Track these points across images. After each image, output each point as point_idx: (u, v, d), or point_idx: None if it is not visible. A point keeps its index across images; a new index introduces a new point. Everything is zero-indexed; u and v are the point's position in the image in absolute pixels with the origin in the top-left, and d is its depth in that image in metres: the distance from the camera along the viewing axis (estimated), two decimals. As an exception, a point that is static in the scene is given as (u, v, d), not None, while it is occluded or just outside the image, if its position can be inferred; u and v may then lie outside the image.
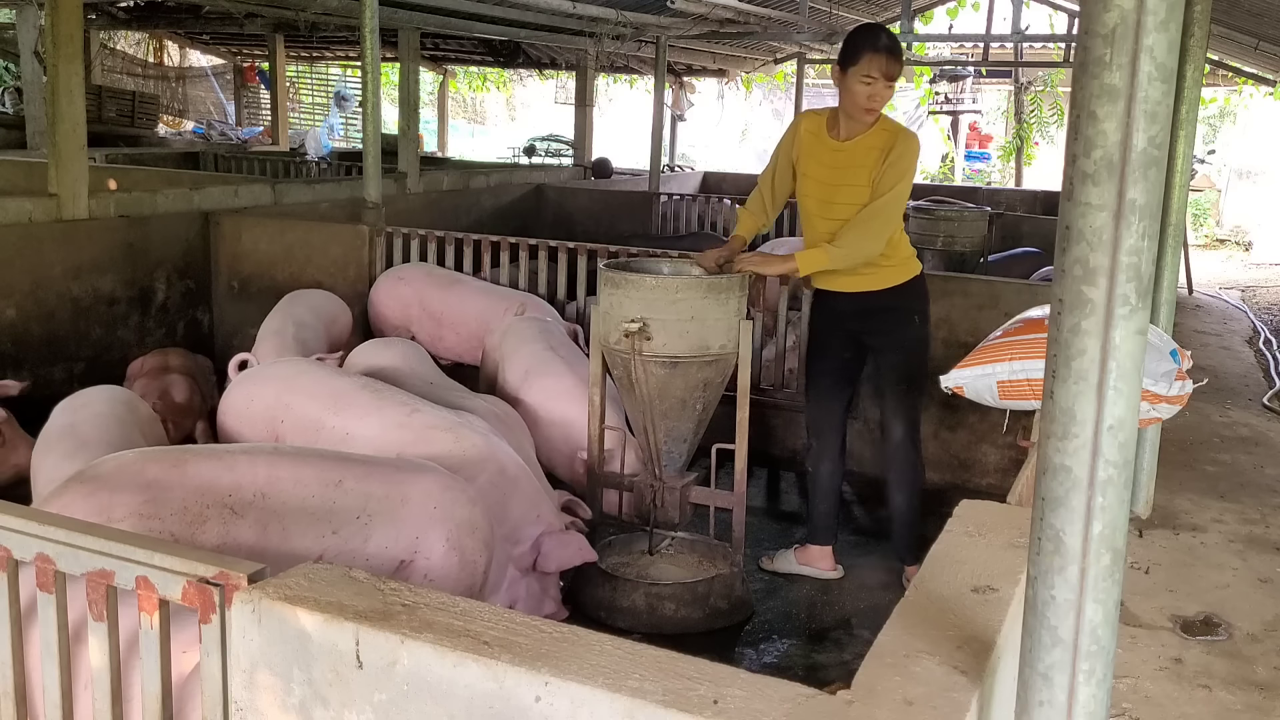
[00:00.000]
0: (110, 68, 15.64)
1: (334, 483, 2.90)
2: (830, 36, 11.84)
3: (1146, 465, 4.43)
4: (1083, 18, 1.09)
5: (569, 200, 10.58)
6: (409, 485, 2.96)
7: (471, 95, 23.99)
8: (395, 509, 2.90)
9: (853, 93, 3.63)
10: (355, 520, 2.86)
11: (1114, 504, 1.12)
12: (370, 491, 2.91)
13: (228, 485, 2.81)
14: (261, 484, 2.84)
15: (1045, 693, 1.17)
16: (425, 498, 2.94)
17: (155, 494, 2.74)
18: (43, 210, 5.66)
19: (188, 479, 2.80)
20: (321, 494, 2.87)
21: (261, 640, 1.46)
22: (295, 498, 2.84)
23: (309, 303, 5.35)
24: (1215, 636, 3.52)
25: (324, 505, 2.85)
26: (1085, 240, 1.09)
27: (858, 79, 3.60)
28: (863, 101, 3.62)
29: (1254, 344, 8.50)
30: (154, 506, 2.72)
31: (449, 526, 2.92)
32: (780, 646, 3.62)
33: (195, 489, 2.78)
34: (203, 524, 2.75)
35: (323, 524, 2.83)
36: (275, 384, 3.91)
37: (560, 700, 1.27)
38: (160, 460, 2.88)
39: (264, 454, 3.01)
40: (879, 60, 3.58)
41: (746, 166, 20.41)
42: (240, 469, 2.87)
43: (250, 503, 2.80)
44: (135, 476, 2.78)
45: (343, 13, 9.10)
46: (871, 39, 3.63)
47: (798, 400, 5.44)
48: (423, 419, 3.61)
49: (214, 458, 2.93)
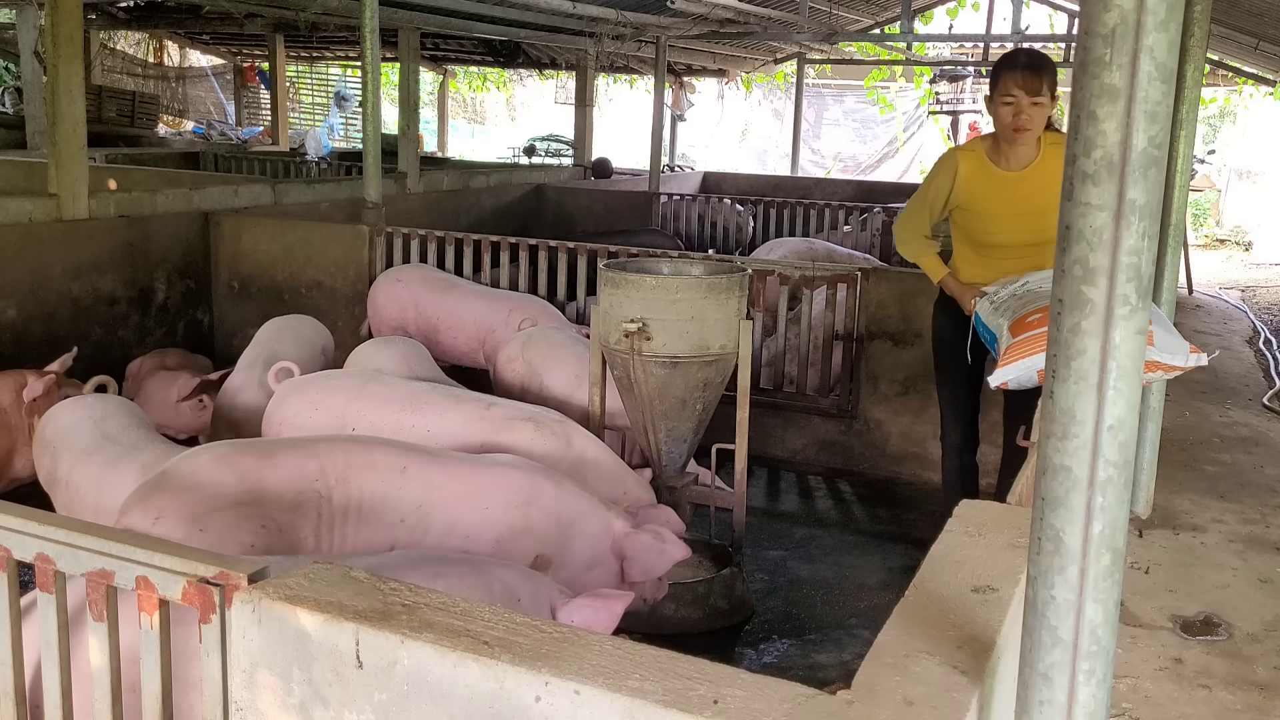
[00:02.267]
0: (110, 68, 15.63)
1: (399, 469, 2.98)
2: (830, 36, 11.84)
3: (1146, 465, 4.43)
4: (1083, 18, 1.09)
5: (569, 200, 10.58)
6: (465, 478, 3.01)
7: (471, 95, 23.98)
8: (450, 500, 2.96)
9: (999, 117, 3.64)
10: (417, 509, 2.93)
11: (1114, 504, 1.12)
12: (430, 479, 2.98)
13: (314, 471, 2.93)
14: (342, 469, 2.95)
15: (1045, 693, 1.17)
16: (478, 494, 2.99)
17: (252, 483, 2.86)
18: (43, 210, 5.66)
19: (279, 468, 2.91)
20: (388, 480, 2.96)
21: (261, 640, 1.46)
22: (369, 482, 2.95)
23: (294, 336, 4.94)
24: (1215, 636, 3.52)
25: (391, 491, 2.94)
26: (1085, 240, 1.09)
27: (1000, 102, 3.61)
28: (1008, 121, 3.60)
29: (1254, 344, 8.50)
30: (253, 494, 2.84)
31: (499, 529, 2.95)
32: (780, 646, 3.62)
33: (286, 476, 2.89)
34: (298, 509, 2.86)
35: (391, 511, 2.92)
36: (343, 393, 3.84)
37: (560, 700, 1.27)
38: (250, 452, 2.97)
39: (340, 440, 3.11)
40: (1015, 77, 3.56)
41: (746, 166, 20.43)
42: (322, 455, 2.97)
43: (334, 486, 2.92)
44: (231, 467, 2.89)
45: (343, 13, 9.10)
46: (1008, 59, 3.66)
47: (798, 400, 5.46)
48: (501, 411, 3.69)
49: (297, 446, 3.03)
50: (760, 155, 22.66)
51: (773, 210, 10.46)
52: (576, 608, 2.42)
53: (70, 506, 3.45)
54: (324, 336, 5.12)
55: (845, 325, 5.31)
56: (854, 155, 21.48)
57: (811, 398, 5.44)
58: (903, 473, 5.23)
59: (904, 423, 5.23)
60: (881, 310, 5.24)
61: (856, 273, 5.34)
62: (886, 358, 5.25)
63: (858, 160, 21.17)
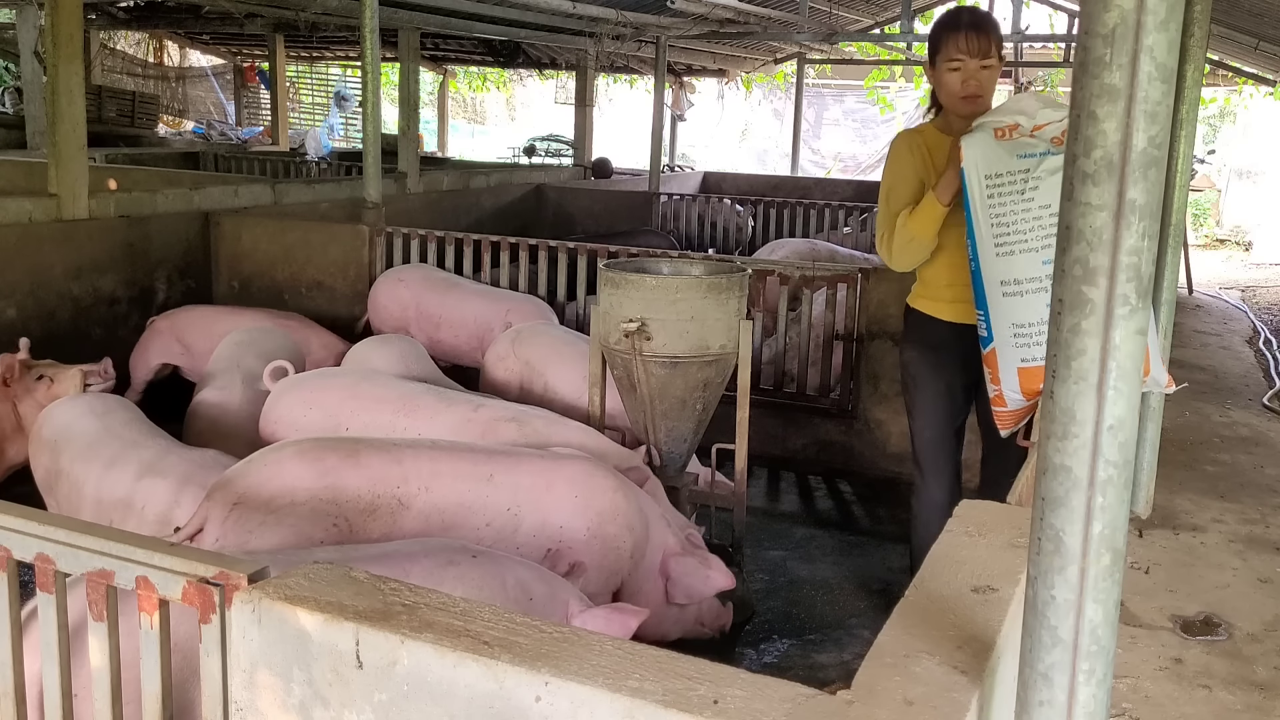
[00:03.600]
0: (110, 68, 15.64)
1: (486, 477, 2.98)
2: (830, 36, 11.84)
3: (1146, 465, 4.43)
4: (1083, 18, 1.09)
5: (569, 200, 10.58)
6: (552, 474, 3.02)
7: (471, 95, 24.00)
8: (539, 499, 2.97)
9: (945, 85, 3.23)
10: (506, 512, 2.95)
11: (1114, 504, 1.12)
12: (518, 483, 2.99)
13: (397, 477, 2.92)
14: (426, 477, 2.94)
15: (1045, 693, 1.17)
16: (568, 486, 3.00)
17: (333, 481, 2.87)
18: (43, 210, 5.66)
19: (361, 469, 2.91)
20: (475, 488, 2.96)
21: (261, 640, 1.46)
22: (455, 491, 2.95)
23: (259, 349, 4.71)
24: (1215, 636, 3.52)
25: (478, 499, 2.94)
26: (1085, 240, 1.09)
27: (945, 69, 3.20)
28: (956, 89, 3.19)
29: (1254, 344, 8.50)
30: (333, 492, 2.85)
31: (589, 516, 2.97)
32: (780, 646, 3.62)
33: (369, 479, 2.90)
34: (373, 513, 2.87)
35: (478, 517, 2.93)
36: (337, 392, 3.85)
37: (560, 700, 1.27)
38: (336, 450, 2.98)
39: (426, 447, 3.10)
40: (958, 40, 3.16)
41: (746, 166, 20.42)
42: (408, 462, 2.97)
43: (416, 494, 2.92)
44: (315, 463, 2.90)
45: (343, 13, 9.10)
46: (949, 20, 3.24)
47: (798, 400, 5.46)
48: (489, 412, 3.68)
49: (383, 450, 3.02)
50: (760, 155, 22.67)
51: (773, 210, 10.46)
52: (591, 617, 2.42)
53: (71, 500, 3.45)
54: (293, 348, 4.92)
55: (846, 325, 5.31)
56: (854, 155, 21.49)
57: (812, 398, 5.44)
58: (903, 473, 5.21)
59: (904, 423, 5.18)
60: (882, 310, 5.24)
61: (857, 273, 5.34)
62: (887, 358, 5.25)
63: (858, 160, 21.17)
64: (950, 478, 3.49)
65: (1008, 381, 2.92)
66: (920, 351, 3.45)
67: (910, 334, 3.50)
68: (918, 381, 3.48)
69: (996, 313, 2.91)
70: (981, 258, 2.90)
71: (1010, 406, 2.97)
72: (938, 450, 3.47)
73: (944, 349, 3.36)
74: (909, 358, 3.50)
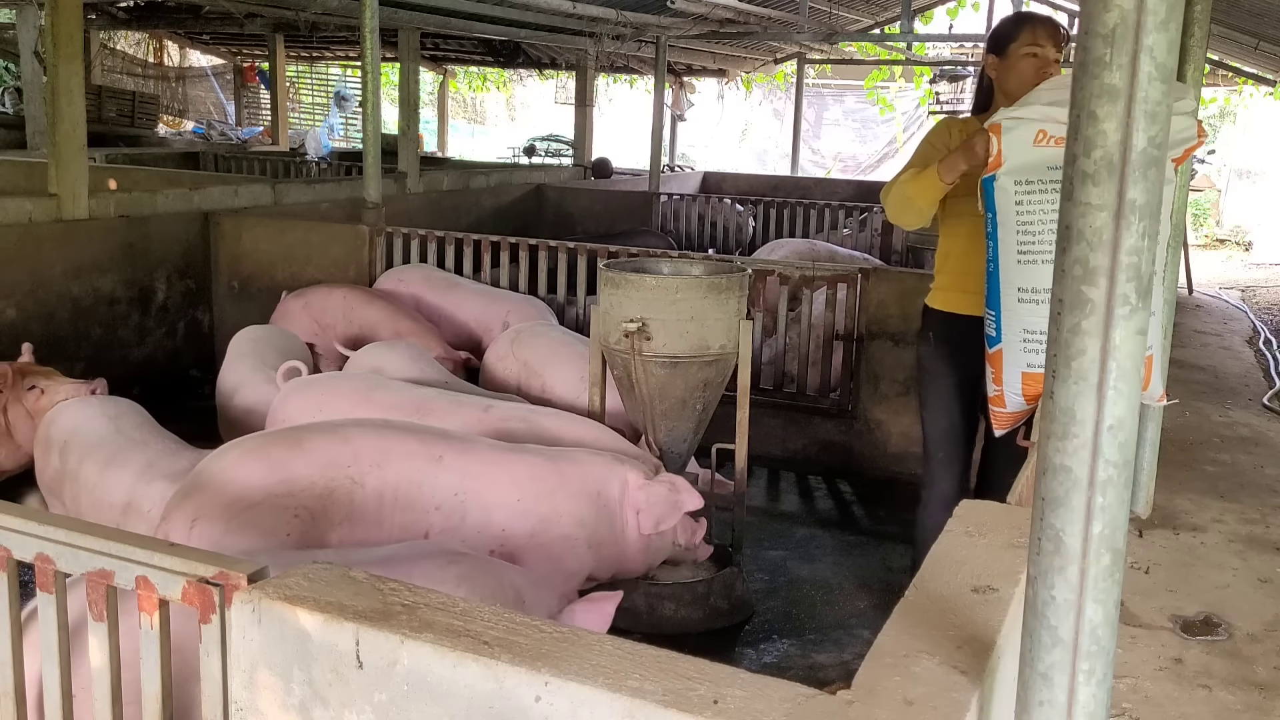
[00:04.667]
0: (110, 68, 15.63)
1: (435, 458, 2.95)
2: (830, 36, 11.84)
3: (1146, 465, 4.43)
4: (1083, 18, 1.09)
5: (569, 200, 10.58)
6: (498, 468, 2.99)
7: (471, 95, 23.99)
8: (484, 490, 2.94)
9: (1019, 71, 3.10)
10: (453, 497, 2.91)
11: (1114, 504, 1.12)
12: (465, 469, 2.95)
13: (346, 457, 2.89)
14: (376, 454, 2.92)
15: (1045, 693, 1.17)
16: (511, 484, 2.97)
17: (284, 474, 2.84)
18: (43, 210, 5.66)
19: (309, 455, 2.88)
20: (425, 468, 2.93)
21: (261, 640, 1.46)
22: (407, 469, 2.92)
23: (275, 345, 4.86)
24: (1215, 636, 3.52)
25: (428, 479, 2.92)
26: (1085, 240, 1.09)
27: (1022, 54, 3.10)
28: (1029, 75, 3.06)
29: (1254, 344, 8.50)
30: (287, 485, 2.82)
31: (531, 521, 2.95)
32: (780, 646, 3.62)
33: (319, 464, 2.87)
34: (330, 496, 2.84)
35: (428, 498, 2.89)
36: (348, 397, 3.78)
37: (560, 700, 1.27)
38: (280, 442, 2.96)
39: (374, 426, 3.07)
40: (1037, 29, 3.12)
41: (746, 166, 20.43)
42: (356, 440, 2.94)
43: (368, 472, 2.89)
44: (263, 460, 2.87)
45: (343, 13, 9.10)
46: (1024, 15, 3.28)
47: (798, 400, 5.46)
48: (498, 413, 3.66)
49: (328, 432, 2.99)
50: (760, 155, 22.68)
51: (773, 210, 10.46)
52: (569, 614, 2.44)
53: (79, 500, 3.44)
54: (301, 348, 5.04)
55: (845, 325, 5.31)
56: (854, 155, 21.50)
57: (812, 398, 5.44)
58: (903, 473, 5.22)
59: (904, 423, 5.23)
60: (882, 310, 5.24)
61: (857, 273, 5.34)
62: (887, 358, 5.25)
63: (858, 160, 21.18)
64: (960, 473, 3.45)
65: (1010, 384, 2.91)
66: (934, 345, 3.42)
67: (926, 330, 3.47)
68: (931, 374, 3.44)
69: (1008, 316, 2.87)
70: (1001, 259, 2.86)
71: (1010, 408, 2.96)
72: (949, 443, 3.43)
73: (960, 342, 3.31)
74: (923, 351, 3.47)
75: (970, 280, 3.21)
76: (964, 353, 3.28)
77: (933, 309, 3.43)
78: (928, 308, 3.45)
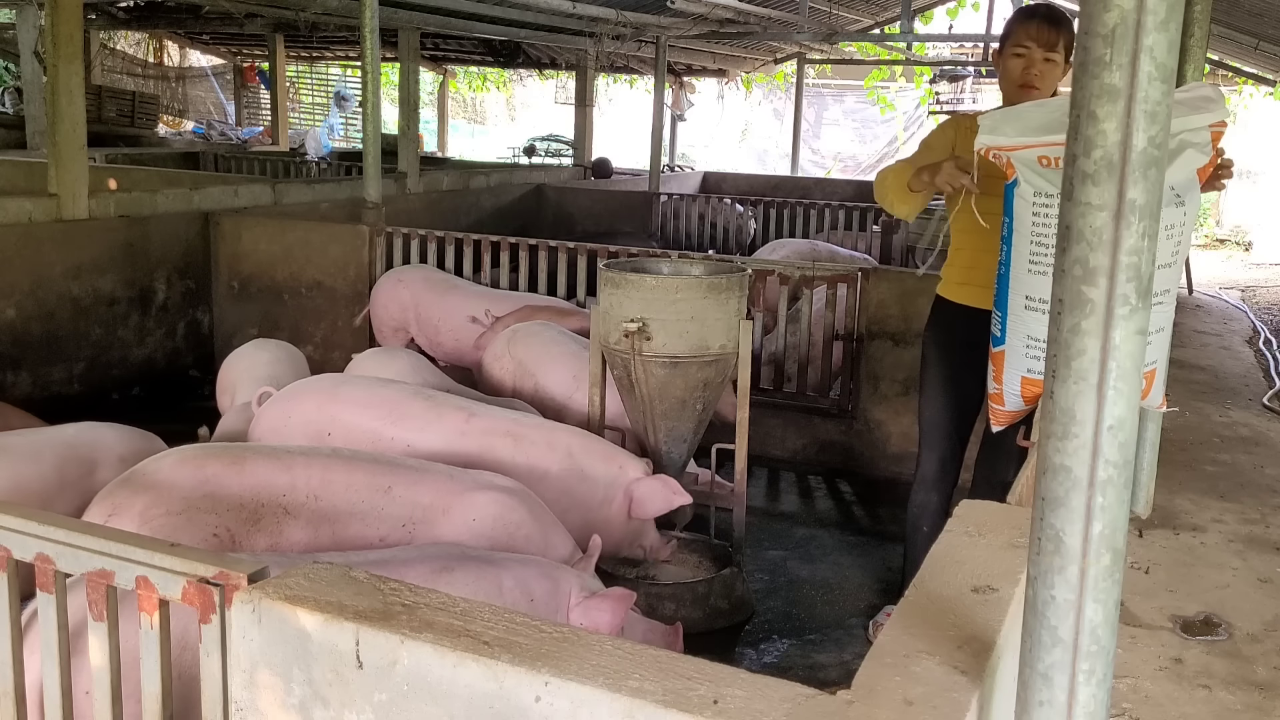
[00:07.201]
0: (110, 68, 15.63)
1: (383, 489, 2.90)
2: (830, 36, 11.84)
3: (1146, 465, 4.41)
4: (1083, 18, 1.09)
5: (569, 200, 10.58)
6: (452, 501, 2.94)
7: (471, 95, 23.99)
8: (436, 520, 2.90)
9: (1006, 70, 3.16)
10: (401, 528, 2.87)
11: (1114, 504, 1.12)
12: (417, 500, 2.91)
13: (283, 485, 2.84)
14: (316, 486, 2.87)
15: (1045, 693, 1.17)
16: (465, 511, 2.91)
17: (212, 489, 2.78)
18: (43, 210, 5.66)
19: (245, 477, 2.83)
20: (370, 499, 2.88)
21: (261, 640, 1.46)
22: (346, 501, 2.87)
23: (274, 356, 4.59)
24: (1215, 636, 3.52)
25: (372, 510, 2.87)
26: (1085, 240, 1.09)
27: (1009, 54, 3.15)
28: (1016, 76, 3.13)
29: (1254, 344, 8.50)
30: (211, 501, 2.76)
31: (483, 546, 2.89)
32: (780, 646, 3.62)
33: (252, 487, 2.82)
34: (257, 522, 2.79)
35: (370, 530, 2.84)
36: (316, 396, 3.67)
37: (560, 700, 1.27)
38: (220, 457, 2.90)
39: (320, 456, 3.01)
40: (1029, 28, 3.12)
41: (746, 166, 20.43)
42: (297, 470, 2.89)
43: (303, 504, 2.83)
44: (195, 472, 2.81)
45: (343, 13, 9.10)
46: (1026, 11, 3.23)
47: (798, 400, 5.46)
48: (481, 423, 3.57)
49: (272, 457, 2.94)
50: (760, 155, 22.67)
51: (773, 210, 10.46)
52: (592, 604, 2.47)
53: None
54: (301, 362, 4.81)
55: (845, 325, 5.31)
56: (854, 155, 21.50)
57: (811, 398, 5.44)
58: (903, 473, 5.22)
59: (904, 423, 5.23)
60: (881, 310, 5.24)
61: (857, 273, 5.34)
62: (886, 358, 5.25)
63: (858, 160, 21.19)
64: (943, 457, 3.48)
65: (1010, 385, 2.92)
66: (935, 332, 3.48)
67: (933, 319, 3.51)
68: (929, 361, 3.49)
69: (1014, 321, 2.88)
70: (1013, 265, 2.87)
71: (1008, 407, 2.97)
72: (937, 428, 3.47)
73: (965, 334, 3.33)
74: (926, 338, 3.53)
75: (979, 274, 3.22)
76: (969, 345, 3.29)
77: (944, 299, 3.46)
78: (939, 297, 3.49)
